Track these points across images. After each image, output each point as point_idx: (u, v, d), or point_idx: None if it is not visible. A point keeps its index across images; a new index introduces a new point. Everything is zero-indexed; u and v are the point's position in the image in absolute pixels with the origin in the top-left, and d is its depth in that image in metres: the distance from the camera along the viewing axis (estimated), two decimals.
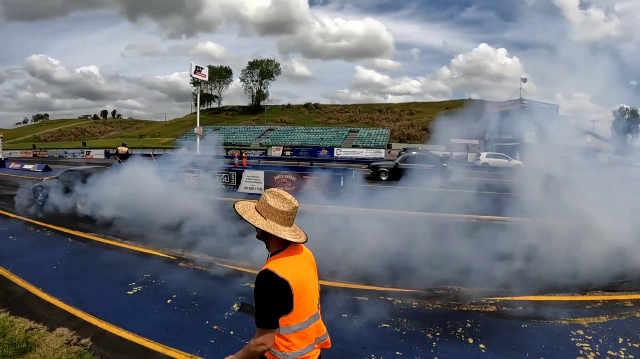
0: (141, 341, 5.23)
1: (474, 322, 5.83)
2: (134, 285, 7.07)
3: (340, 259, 7.88)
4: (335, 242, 8.43)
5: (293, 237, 2.65)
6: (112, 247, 9.56)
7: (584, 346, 5.14)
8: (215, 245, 9.05)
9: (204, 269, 8.00)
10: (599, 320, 5.94)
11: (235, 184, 18.48)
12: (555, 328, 5.71)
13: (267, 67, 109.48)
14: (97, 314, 5.94)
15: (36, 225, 11.80)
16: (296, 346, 2.62)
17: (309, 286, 2.72)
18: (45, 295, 6.69)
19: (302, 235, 2.76)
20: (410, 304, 6.46)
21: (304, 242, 2.76)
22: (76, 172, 14.51)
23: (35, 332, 5.42)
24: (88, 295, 6.69)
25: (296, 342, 2.62)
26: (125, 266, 8.17)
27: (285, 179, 17.49)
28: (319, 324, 2.79)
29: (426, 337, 5.41)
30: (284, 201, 2.68)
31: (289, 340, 2.59)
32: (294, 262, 2.68)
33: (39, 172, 29.36)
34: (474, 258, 8.00)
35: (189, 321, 5.81)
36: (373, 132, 72.33)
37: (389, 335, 5.49)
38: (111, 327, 5.57)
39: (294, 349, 2.61)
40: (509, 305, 6.44)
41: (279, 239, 2.67)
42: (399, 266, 7.69)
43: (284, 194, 2.72)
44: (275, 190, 2.75)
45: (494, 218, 11.90)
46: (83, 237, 10.35)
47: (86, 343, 5.15)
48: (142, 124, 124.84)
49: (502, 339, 5.35)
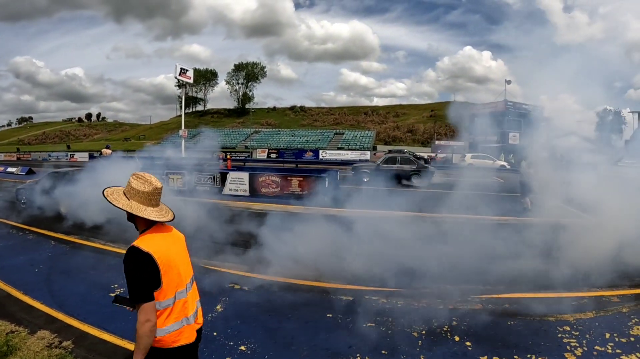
0: (123, 343, 5.21)
1: (460, 320, 5.85)
2: (116, 287, 6.99)
3: (325, 260, 7.87)
4: (318, 243, 8.42)
5: (156, 217, 2.82)
6: (95, 250, 9.47)
7: (571, 342, 5.19)
8: (200, 247, 9.01)
9: None
10: (586, 316, 6.00)
11: (219, 186, 18.39)
12: (541, 324, 5.75)
13: (252, 70, 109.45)
14: (78, 317, 5.89)
15: (18, 228, 11.67)
16: (166, 321, 2.78)
17: (176, 263, 2.86)
18: (26, 298, 6.62)
19: (168, 215, 2.92)
20: (395, 303, 6.46)
21: (169, 221, 2.93)
22: (59, 174, 14.38)
23: (16, 335, 5.37)
24: (70, 298, 6.64)
25: (165, 318, 2.77)
26: (108, 268, 8.07)
27: (269, 180, 17.47)
28: (187, 302, 2.93)
29: (412, 336, 5.42)
30: (145, 182, 2.85)
31: (158, 316, 2.74)
32: (160, 239, 2.83)
33: (22, 175, 29.02)
34: (457, 257, 8.05)
35: None
36: (358, 134, 72.46)
37: (375, 334, 5.48)
38: (93, 329, 5.53)
39: (164, 324, 2.77)
40: (495, 303, 6.48)
41: (145, 219, 2.81)
42: (384, 265, 7.68)
43: (147, 176, 2.87)
44: (140, 173, 2.89)
45: (474, 217, 11.94)
46: (65, 240, 10.25)
47: (67, 346, 5.12)
48: (127, 127, 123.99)
49: (488, 337, 5.37)
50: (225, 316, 5.98)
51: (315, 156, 56.07)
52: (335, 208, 13.53)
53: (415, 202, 12.80)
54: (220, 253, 8.84)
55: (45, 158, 57.91)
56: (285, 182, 17.21)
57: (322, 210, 14.05)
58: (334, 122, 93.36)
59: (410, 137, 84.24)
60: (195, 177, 18.98)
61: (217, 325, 5.69)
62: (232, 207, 14.95)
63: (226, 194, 17.94)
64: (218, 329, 5.55)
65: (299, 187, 16.83)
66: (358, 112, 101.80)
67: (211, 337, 5.35)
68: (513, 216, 12.88)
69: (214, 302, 6.42)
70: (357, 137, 70.76)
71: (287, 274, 7.55)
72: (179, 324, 2.85)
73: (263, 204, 15.53)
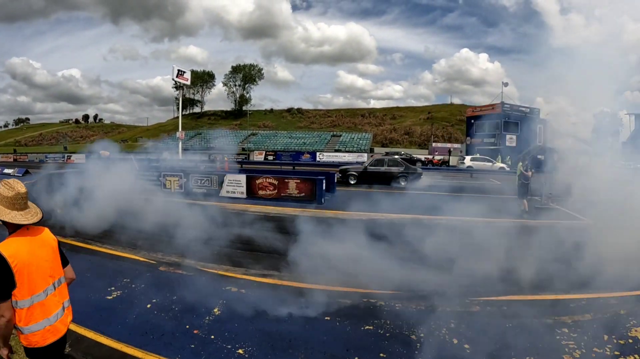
0: (120, 346, 5.15)
1: (458, 322, 5.83)
2: (113, 290, 6.94)
3: (322, 262, 7.84)
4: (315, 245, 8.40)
5: (19, 219, 3.04)
6: (91, 252, 9.39)
7: (570, 344, 5.20)
8: (197, 249, 8.97)
9: (185, 273, 7.89)
10: (584, 318, 6.01)
11: (217, 188, 18.33)
12: (540, 326, 5.75)
13: (250, 72, 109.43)
14: (74, 320, 5.80)
15: None
16: (26, 321, 3.03)
17: (36, 266, 3.08)
18: None
19: (33, 217, 3.14)
20: (393, 305, 6.44)
21: (33, 224, 3.15)
22: (55, 176, 14.33)
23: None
24: None
25: (26, 317, 3.03)
26: (104, 271, 8.01)
27: (267, 182, 17.41)
28: (46, 303, 3.16)
29: (410, 338, 5.41)
30: (9, 188, 3.07)
31: (20, 314, 3.01)
32: (22, 242, 3.07)
33: (19, 176, 28.89)
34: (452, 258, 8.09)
35: (169, 325, 5.70)
36: (356, 136, 72.43)
37: (373, 337, 5.47)
38: (89, 332, 5.46)
39: (25, 323, 3.04)
40: (493, 305, 6.48)
41: (12, 223, 3.05)
42: (380, 267, 7.66)
43: (12, 182, 3.12)
44: (7, 180, 3.12)
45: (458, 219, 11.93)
46: (61, 242, 10.13)
47: None
48: (124, 129, 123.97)
49: (487, 339, 5.34)
50: (222, 319, 5.92)
51: (313, 158, 55.96)
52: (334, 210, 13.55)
53: (405, 205, 12.84)
54: (216, 256, 8.78)
55: (42, 160, 57.77)
56: (283, 184, 17.14)
57: (318, 213, 14.07)
58: (331, 125, 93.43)
59: (407, 140, 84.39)
60: (192, 180, 18.90)
61: (214, 328, 5.64)
62: (230, 209, 14.89)
63: (223, 196, 17.88)
64: (215, 332, 5.50)
65: (296, 190, 16.78)
66: (355, 115, 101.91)
67: (208, 340, 5.30)
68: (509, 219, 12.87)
69: (211, 305, 6.36)
70: (354, 139, 70.73)
71: (284, 277, 7.53)
72: (40, 325, 3.11)
73: (260, 207, 15.48)
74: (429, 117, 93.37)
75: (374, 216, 13.22)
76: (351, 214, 13.52)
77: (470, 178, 31.08)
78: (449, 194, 17.99)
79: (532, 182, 15.13)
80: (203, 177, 19.02)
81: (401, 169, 22.76)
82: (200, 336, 5.39)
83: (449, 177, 32.11)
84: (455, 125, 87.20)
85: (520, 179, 14.69)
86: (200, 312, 6.10)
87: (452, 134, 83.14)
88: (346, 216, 13.36)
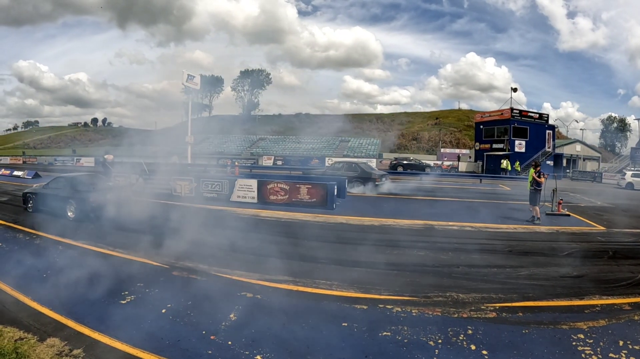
0: (135, 351, 5.08)
1: (475, 328, 5.82)
2: (126, 294, 6.88)
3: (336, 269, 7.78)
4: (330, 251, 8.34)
5: None
6: (104, 256, 9.31)
7: (586, 350, 5.20)
8: (209, 254, 8.92)
9: (199, 278, 7.82)
10: (599, 324, 6.02)
11: (227, 193, 18.26)
12: (555, 332, 5.74)
13: (258, 77, 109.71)
14: (88, 324, 5.77)
15: (25, 232, 11.56)
16: None
17: None
18: (34, 304, 6.51)
19: None
20: (410, 311, 6.41)
21: None
22: (66, 179, 14.31)
23: (25, 342, 5.25)
24: (79, 304, 6.50)
25: None
26: (118, 275, 7.92)
27: (278, 187, 17.32)
28: None
29: (428, 344, 5.36)
30: None
31: None
32: None
33: (29, 178, 29.02)
34: None
35: (185, 331, 5.63)
36: (364, 142, 72.32)
37: (391, 343, 5.40)
38: (104, 337, 5.40)
39: None
40: (509, 311, 6.48)
41: None
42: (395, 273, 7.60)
43: None
44: None
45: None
46: (73, 245, 10.12)
47: (78, 354, 5.00)
48: (132, 133, 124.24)
49: (504, 345, 5.35)
50: (239, 325, 5.84)
51: (322, 163, 55.90)
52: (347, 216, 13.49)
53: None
54: (230, 261, 8.74)
55: (51, 162, 58.04)
56: (294, 189, 17.05)
57: (329, 218, 14.01)
58: (339, 130, 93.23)
59: (415, 145, 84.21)
60: (202, 184, 18.86)
61: (231, 334, 5.55)
62: (241, 214, 14.84)
63: (234, 201, 17.81)
64: (232, 338, 5.41)
65: (307, 195, 16.68)
66: (363, 120, 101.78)
67: (226, 346, 5.23)
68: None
69: (227, 310, 6.29)
70: (362, 144, 70.65)
71: (300, 283, 7.46)
72: None
73: (272, 212, 15.40)
74: (437, 123, 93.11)
75: (384, 221, 13.20)
76: (362, 220, 13.47)
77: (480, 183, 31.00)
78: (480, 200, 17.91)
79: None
80: (214, 181, 18.97)
81: (356, 173, 22.78)
82: (217, 342, 5.31)
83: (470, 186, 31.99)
84: (463, 131, 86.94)
85: (533, 186, 14.53)
86: (216, 317, 6.03)
87: (460, 140, 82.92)
88: (357, 221, 13.33)
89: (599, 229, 13.17)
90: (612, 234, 12.27)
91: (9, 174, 31.87)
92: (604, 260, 9.47)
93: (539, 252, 10.02)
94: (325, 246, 9.36)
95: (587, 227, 13.47)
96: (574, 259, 9.36)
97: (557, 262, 9.16)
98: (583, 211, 16.65)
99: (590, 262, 9.23)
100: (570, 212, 15.70)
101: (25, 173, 31.17)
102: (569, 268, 8.66)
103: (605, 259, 9.51)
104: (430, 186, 27.59)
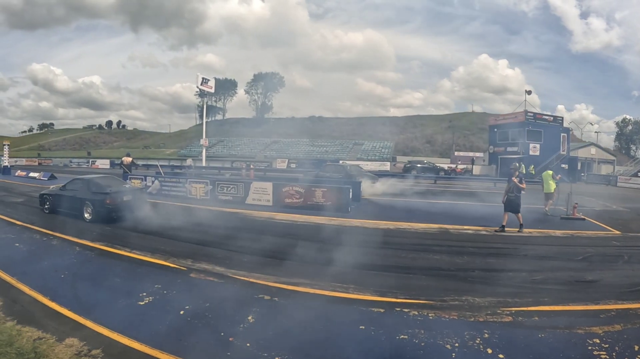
0: (154, 352, 5.07)
1: (491, 332, 5.76)
2: (144, 295, 6.88)
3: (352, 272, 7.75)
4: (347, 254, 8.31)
5: None
6: (121, 257, 9.37)
7: (601, 355, 5.14)
8: (226, 256, 8.92)
9: (216, 280, 7.81)
10: (614, 329, 5.95)
11: (242, 196, 18.28)
12: (571, 336, 5.70)
13: (271, 80, 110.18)
14: (107, 325, 5.77)
15: (42, 233, 11.62)
16: None
17: None
18: (53, 304, 6.52)
19: None
20: (426, 315, 6.35)
21: None
22: (83, 180, 14.39)
23: (43, 342, 5.26)
24: (97, 305, 6.51)
25: None
26: (135, 276, 8.00)
27: (293, 190, 17.31)
28: None
29: (445, 348, 5.31)
30: None
31: None
32: None
33: (45, 180, 29.27)
34: None
35: (203, 332, 5.62)
36: (378, 145, 72.32)
37: (408, 346, 5.36)
38: (122, 338, 5.40)
39: None
40: (524, 315, 6.42)
41: None
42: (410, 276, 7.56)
43: None
44: None
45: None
46: (90, 246, 10.16)
47: (97, 354, 4.99)
48: (147, 135, 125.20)
49: (520, 349, 5.31)
50: (257, 327, 5.82)
51: None
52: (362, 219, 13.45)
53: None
54: (247, 263, 8.75)
55: (66, 164, 58.62)
56: (309, 192, 17.01)
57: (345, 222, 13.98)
58: (352, 133, 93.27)
59: (429, 148, 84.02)
60: (217, 187, 18.91)
61: (249, 336, 5.52)
62: (257, 217, 14.85)
63: (249, 203, 17.82)
64: (250, 340, 5.38)
65: (322, 198, 16.63)
66: (376, 123, 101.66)
67: (244, 348, 5.19)
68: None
69: (245, 312, 6.27)
70: (376, 147, 70.67)
71: (317, 286, 7.42)
72: None
73: (287, 215, 15.40)
74: (450, 126, 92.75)
75: (399, 225, 13.15)
76: (378, 224, 13.43)
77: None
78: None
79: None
80: (229, 184, 19.01)
81: (340, 176, 22.76)
82: (235, 344, 5.28)
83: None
84: (477, 134, 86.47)
85: (514, 192, 14.11)
86: (234, 319, 6.01)
87: (473, 143, 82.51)
88: (372, 224, 13.29)
89: (615, 233, 13.01)
90: (627, 239, 12.11)
91: (25, 176, 32.19)
92: (619, 264, 9.37)
93: (554, 256, 9.93)
94: (341, 249, 9.30)
95: (603, 231, 13.31)
96: (589, 264, 9.31)
97: (572, 266, 9.09)
98: (598, 214, 16.46)
99: (606, 267, 9.13)
100: (585, 216, 15.55)
101: (41, 175, 31.48)
102: (584, 273, 8.59)
103: (621, 264, 9.40)
104: (444, 189, 27.47)
